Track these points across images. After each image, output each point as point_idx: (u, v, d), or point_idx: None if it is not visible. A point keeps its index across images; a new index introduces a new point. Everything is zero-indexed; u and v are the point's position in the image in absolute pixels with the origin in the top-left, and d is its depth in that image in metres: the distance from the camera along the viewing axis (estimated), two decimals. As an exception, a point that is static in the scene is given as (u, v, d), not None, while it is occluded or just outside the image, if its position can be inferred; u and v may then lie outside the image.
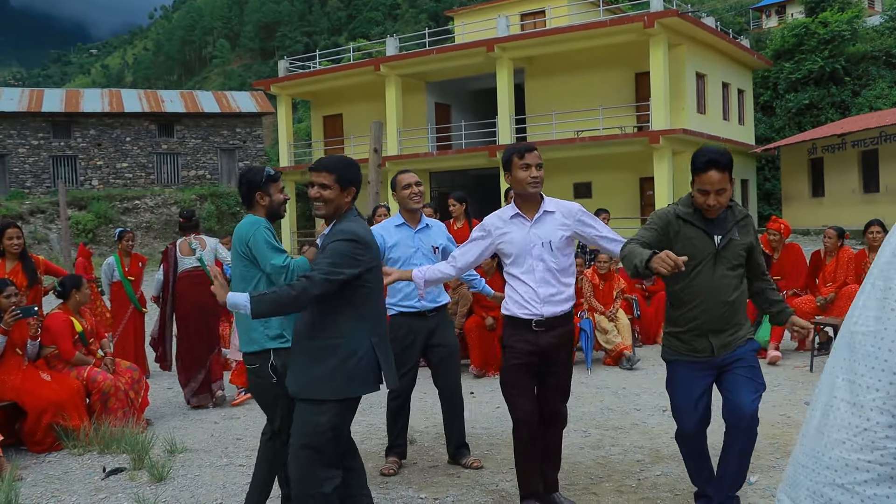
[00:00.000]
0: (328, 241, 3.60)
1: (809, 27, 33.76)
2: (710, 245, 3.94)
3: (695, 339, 4.03)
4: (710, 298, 3.96)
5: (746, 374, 4.00)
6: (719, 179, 3.80)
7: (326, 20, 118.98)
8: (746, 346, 4.06)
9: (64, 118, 38.01)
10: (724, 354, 4.00)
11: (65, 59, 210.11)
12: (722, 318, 3.98)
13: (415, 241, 5.25)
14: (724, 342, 4.00)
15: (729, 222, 3.97)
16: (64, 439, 6.05)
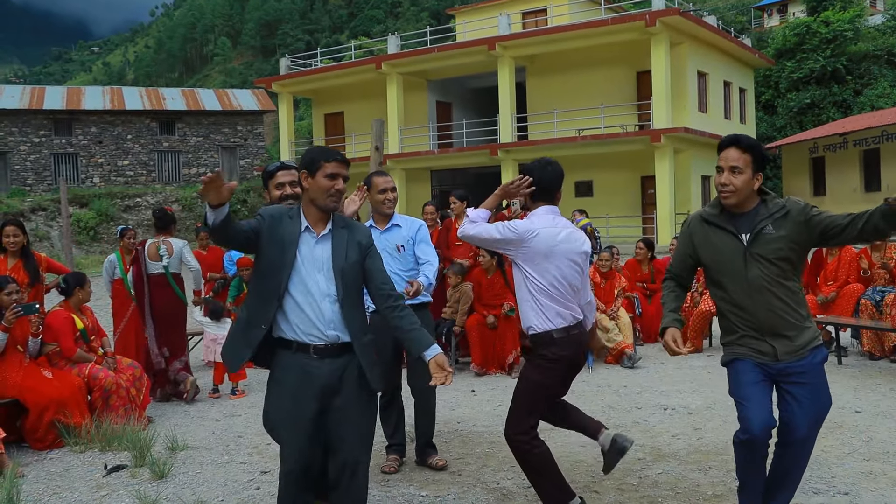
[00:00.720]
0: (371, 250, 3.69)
1: (811, 26, 33.76)
2: (738, 244, 3.70)
3: (755, 343, 3.75)
4: (751, 301, 3.70)
5: (809, 395, 3.69)
6: (735, 157, 3.62)
7: (328, 18, 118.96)
8: (812, 356, 3.70)
9: (65, 116, 38.01)
10: (787, 361, 3.68)
11: (66, 57, 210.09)
12: (775, 320, 3.68)
13: (380, 242, 5.18)
14: (787, 347, 3.68)
15: (760, 217, 3.68)
16: (65, 436, 6.05)
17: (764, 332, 3.71)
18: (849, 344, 9.12)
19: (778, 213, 3.65)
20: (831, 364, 8.31)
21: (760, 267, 3.66)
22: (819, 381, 3.72)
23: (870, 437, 5.61)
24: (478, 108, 32.37)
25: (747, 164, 3.63)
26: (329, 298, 3.49)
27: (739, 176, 3.62)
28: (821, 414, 3.73)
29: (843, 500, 4.45)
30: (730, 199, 3.68)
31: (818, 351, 3.72)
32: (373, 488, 4.64)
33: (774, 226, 3.65)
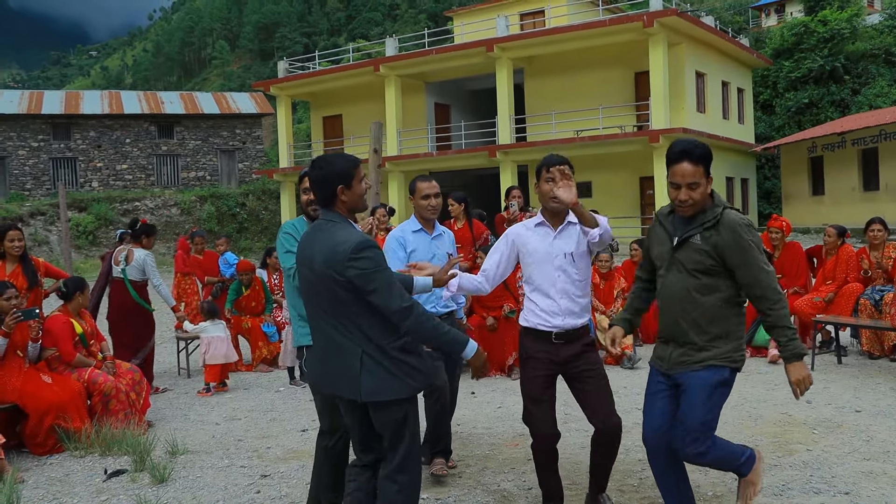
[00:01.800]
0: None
1: (809, 26, 33.78)
2: (669, 246, 3.68)
3: (659, 346, 3.81)
4: (665, 305, 3.70)
5: (685, 409, 3.61)
6: (692, 172, 3.50)
7: (326, 21, 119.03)
8: (703, 372, 3.58)
9: (64, 120, 38.03)
10: (676, 371, 3.66)
11: (64, 61, 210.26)
12: (677, 329, 3.65)
13: (432, 248, 5.16)
14: (677, 358, 3.66)
15: (695, 224, 3.58)
16: (65, 441, 6.05)
17: (668, 337, 3.72)
18: (848, 343, 9.12)
19: (713, 223, 3.53)
20: (831, 363, 8.32)
21: (678, 274, 3.61)
22: (695, 398, 3.57)
23: (870, 437, 5.60)
24: (476, 110, 32.38)
25: (702, 175, 3.53)
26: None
27: (697, 189, 3.52)
28: (688, 432, 3.57)
29: (843, 500, 4.45)
30: (689, 213, 3.59)
31: (714, 370, 3.57)
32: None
33: (703, 236, 3.55)
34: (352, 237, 3.37)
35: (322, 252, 3.40)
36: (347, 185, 3.49)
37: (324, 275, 3.39)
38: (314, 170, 3.53)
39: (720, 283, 3.57)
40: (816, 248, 9.44)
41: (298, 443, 6.19)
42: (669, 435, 3.68)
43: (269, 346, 9.61)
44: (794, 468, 5.00)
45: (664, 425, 3.71)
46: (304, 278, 3.57)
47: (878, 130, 24.67)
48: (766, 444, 5.53)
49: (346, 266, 3.31)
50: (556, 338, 4.15)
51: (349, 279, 3.32)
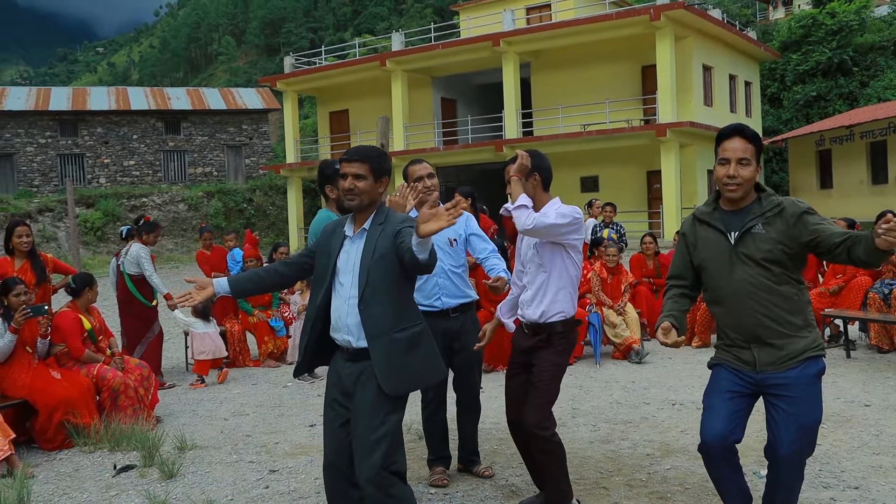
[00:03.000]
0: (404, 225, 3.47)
1: (817, 18, 33.61)
2: (726, 244, 3.50)
3: (738, 351, 3.58)
4: (736, 306, 3.51)
5: (790, 409, 3.43)
6: (742, 148, 3.41)
7: (332, 16, 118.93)
8: (801, 368, 3.44)
9: (71, 116, 38.10)
10: (769, 372, 3.47)
11: (71, 58, 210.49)
12: (759, 328, 3.47)
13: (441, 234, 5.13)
14: (769, 357, 3.47)
15: (752, 215, 3.46)
16: (75, 437, 6.07)
17: (748, 340, 3.52)
18: (857, 337, 9.10)
19: (770, 212, 3.43)
20: (840, 358, 8.30)
21: (747, 269, 3.45)
22: (806, 394, 3.43)
23: (879, 431, 5.59)
24: (483, 105, 32.33)
25: (752, 154, 3.44)
26: (350, 301, 3.50)
27: (747, 168, 3.42)
28: (805, 431, 3.43)
29: (853, 494, 4.44)
30: (737, 193, 3.45)
31: (812, 362, 3.46)
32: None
33: (765, 225, 3.42)
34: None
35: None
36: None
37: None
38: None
39: (792, 272, 3.47)
40: None
41: (306, 438, 6.19)
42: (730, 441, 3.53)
43: (275, 340, 9.61)
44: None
45: (728, 431, 3.51)
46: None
47: (886, 123, 24.56)
48: (775, 438, 5.52)
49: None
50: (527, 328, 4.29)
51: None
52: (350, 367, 3.53)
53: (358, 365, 3.51)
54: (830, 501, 4.36)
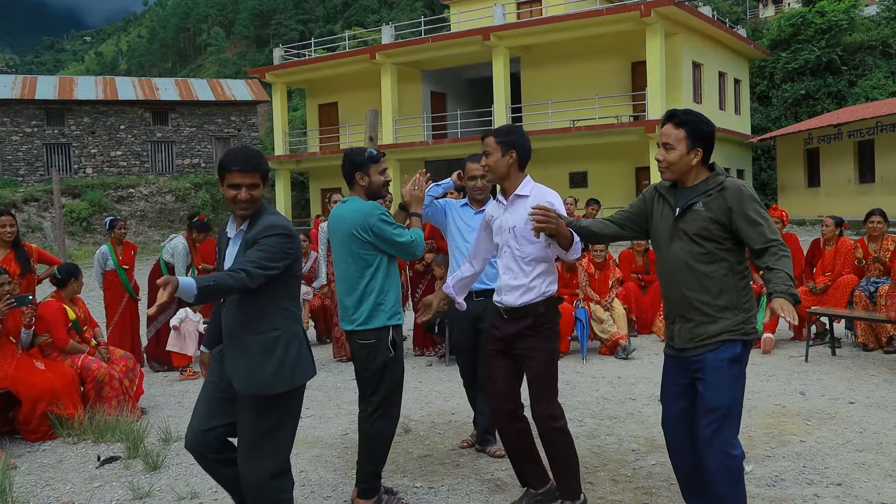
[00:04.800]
0: (259, 235, 3.48)
1: (806, 17, 33.74)
2: (670, 217, 3.61)
3: (668, 326, 3.72)
4: (668, 278, 3.64)
5: (702, 391, 3.50)
6: (668, 132, 3.55)
7: (322, 8, 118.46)
8: (718, 351, 3.47)
9: (57, 106, 37.84)
10: (686, 350, 3.54)
11: (58, 47, 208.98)
12: (683, 301, 3.56)
13: (473, 221, 5.20)
14: (686, 333, 3.55)
15: (697, 192, 3.55)
16: (58, 428, 6.03)
17: (673, 315, 3.65)
18: (843, 335, 9.13)
19: (713, 190, 3.50)
20: (825, 355, 8.33)
21: (681, 244, 3.55)
22: (715, 378, 3.46)
23: (863, 428, 5.61)
24: (472, 99, 32.33)
25: (680, 139, 3.53)
26: (232, 300, 3.55)
27: (672, 152, 3.54)
28: (714, 416, 3.45)
29: (836, 491, 4.46)
30: (665, 174, 3.62)
31: (728, 346, 3.46)
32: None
33: (706, 203, 3.50)
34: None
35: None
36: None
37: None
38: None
39: (724, 252, 3.51)
40: (813, 245, 9.40)
41: (292, 431, 6.17)
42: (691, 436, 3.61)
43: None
44: (788, 459, 5.00)
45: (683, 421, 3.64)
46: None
47: (874, 122, 24.67)
48: (760, 435, 5.53)
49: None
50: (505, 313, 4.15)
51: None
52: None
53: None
54: (814, 498, 4.38)
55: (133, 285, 9.31)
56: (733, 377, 3.48)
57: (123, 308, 9.09)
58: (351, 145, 29.69)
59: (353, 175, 4.47)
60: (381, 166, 4.50)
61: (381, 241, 4.30)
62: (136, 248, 9.87)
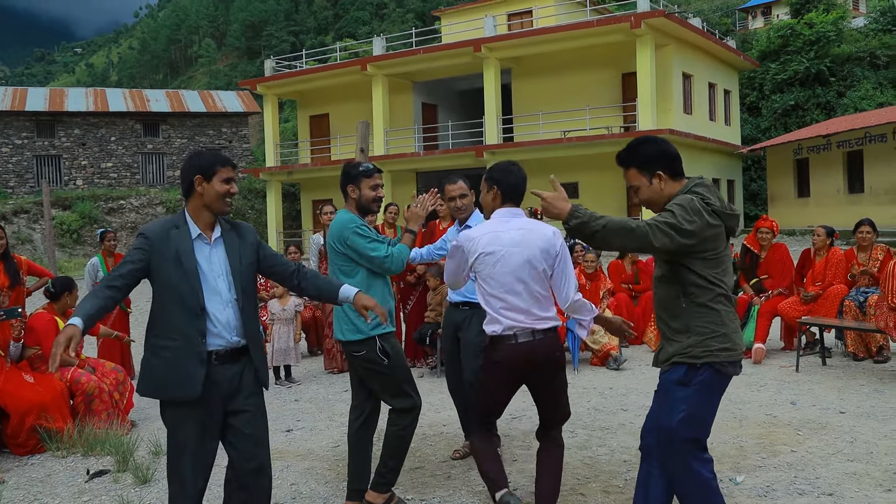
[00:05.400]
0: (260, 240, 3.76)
1: (795, 28, 33.95)
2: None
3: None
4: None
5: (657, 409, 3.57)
6: (627, 178, 3.59)
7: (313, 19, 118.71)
8: (668, 372, 3.46)
9: (48, 117, 37.78)
10: (661, 368, 3.55)
11: (49, 58, 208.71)
12: (658, 322, 3.62)
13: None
14: (660, 355, 3.56)
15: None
16: (47, 441, 5.99)
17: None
18: (833, 345, 9.16)
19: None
20: (815, 365, 8.35)
21: (658, 262, 3.56)
22: (662, 399, 3.49)
23: (854, 438, 5.62)
24: (463, 110, 32.39)
25: (635, 176, 3.51)
26: (232, 303, 3.55)
27: (640, 191, 3.54)
28: (664, 436, 3.45)
29: (827, 501, 4.46)
30: (654, 210, 3.51)
31: (675, 368, 3.42)
32: (358, 492, 4.60)
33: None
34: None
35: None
36: (205, 177, 3.50)
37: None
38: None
39: (674, 275, 3.42)
40: (804, 256, 9.43)
41: (283, 443, 6.15)
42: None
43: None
44: (779, 469, 5.00)
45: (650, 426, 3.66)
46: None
47: (862, 133, 24.81)
48: (751, 445, 5.54)
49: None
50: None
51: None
52: (230, 368, 3.56)
53: (238, 364, 3.59)
54: (805, 508, 4.38)
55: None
56: (678, 399, 3.40)
57: (113, 320, 9.06)
58: (342, 157, 29.78)
59: (346, 187, 4.54)
60: (374, 181, 4.55)
61: (356, 254, 4.38)
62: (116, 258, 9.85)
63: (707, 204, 3.30)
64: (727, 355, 3.37)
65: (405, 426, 4.48)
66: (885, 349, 8.40)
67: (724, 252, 3.42)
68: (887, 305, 7.48)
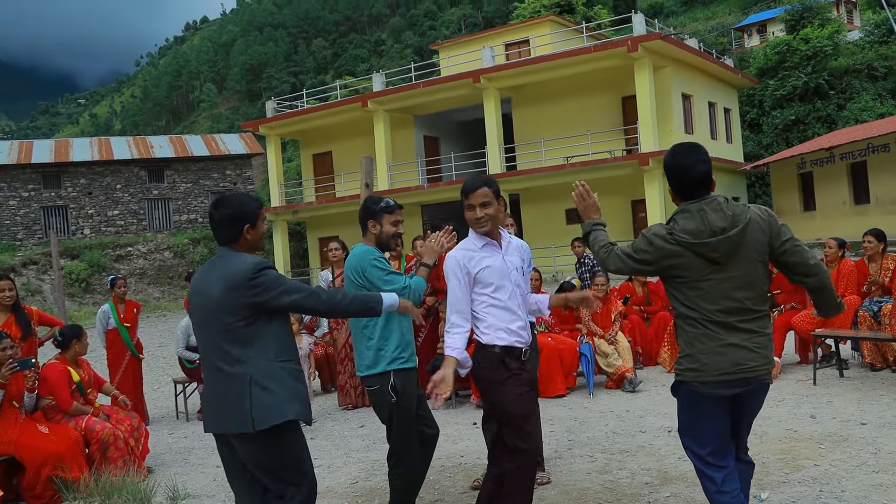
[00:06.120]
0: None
1: (791, 44, 34.10)
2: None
3: None
4: None
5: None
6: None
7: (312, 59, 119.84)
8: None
9: (54, 168, 38.06)
10: None
11: (53, 111, 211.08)
12: None
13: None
14: None
15: None
16: (64, 492, 5.95)
17: None
18: (849, 356, 9.09)
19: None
20: (833, 377, 8.28)
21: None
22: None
23: (877, 449, 5.55)
24: (465, 141, 32.51)
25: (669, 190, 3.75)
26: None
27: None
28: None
29: (855, 515, 4.40)
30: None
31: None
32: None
33: None
34: (249, 259, 3.53)
35: (221, 279, 3.48)
36: (253, 225, 3.63)
37: (221, 302, 3.44)
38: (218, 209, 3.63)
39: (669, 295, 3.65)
40: None
41: (301, 482, 6.10)
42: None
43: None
44: (804, 484, 4.94)
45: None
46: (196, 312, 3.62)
47: (865, 144, 24.81)
48: (773, 460, 5.47)
49: (247, 286, 3.42)
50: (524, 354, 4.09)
51: (250, 298, 3.43)
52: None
53: None
54: (833, 523, 4.32)
55: (136, 343, 9.29)
56: (678, 406, 3.68)
57: (126, 366, 9.06)
58: (346, 193, 29.86)
59: (366, 222, 4.54)
60: (395, 217, 4.57)
61: (373, 287, 4.36)
62: (140, 307, 9.87)
63: (670, 234, 3.44)
64: (693, 376, 3.50)
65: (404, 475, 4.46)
66: (902, 358, 8.32)
67: (704, 277, 3.44)
68: (902, 314, 7.42)
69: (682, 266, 3.45)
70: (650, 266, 3.53)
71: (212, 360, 3.53)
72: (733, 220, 3.39)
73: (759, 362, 3.45)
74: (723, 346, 3.44)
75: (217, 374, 3.51)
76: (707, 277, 3.43)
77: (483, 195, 4.07)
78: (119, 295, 9.26)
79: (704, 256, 3.41)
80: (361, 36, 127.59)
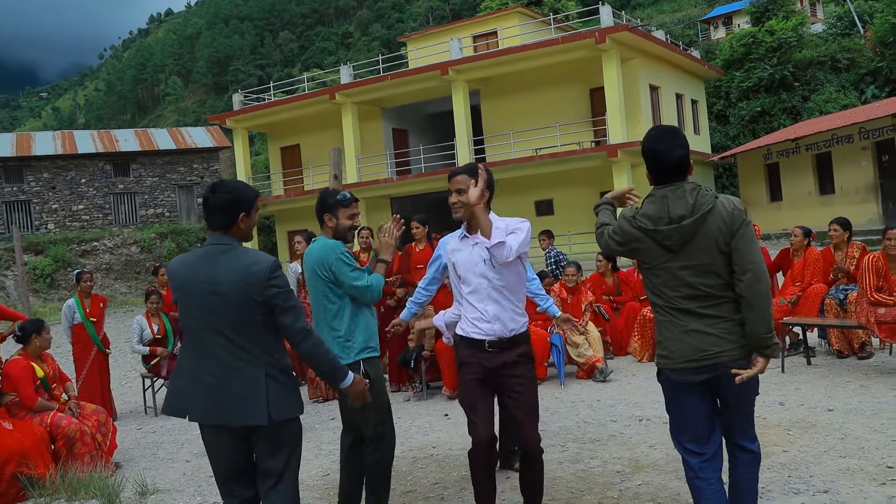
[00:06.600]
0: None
1: (757, 36, 34.42)
2: None
3: None
4: None
5: None
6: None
7: (279, 52, 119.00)
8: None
9: (15, 163, 37.39)
10: None
11: (14, 104, 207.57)
12: None
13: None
14: None
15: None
16: (29, 489, 5.85)
17: None
18: (816, 344, 9.20)
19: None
20: (800, 365, 8.37)
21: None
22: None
23: (844, 434, 5.62)
24: (434, 134, 32.45)
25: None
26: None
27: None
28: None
29: (823, 499, 4.45)
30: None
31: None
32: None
33: None
34: (265, 258, 3.48)
35: (232, 272, 3.40)
36: (248, 213, 3.55)
37: (237, 296, 3.39)
38: (216, 193, 3.54)
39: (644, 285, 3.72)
40: (782, 254, 9.49)
41: (271, 475, 6.05)
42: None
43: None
44: (773, 470, 4.98)
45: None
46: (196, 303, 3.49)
47: (829, 135, 25.10)
48: (743, 448, 5.51)
49: (265, 286, 3.39)
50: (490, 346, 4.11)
51: (267, 299, 3.40)
52: None
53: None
54: (802, 507, 4.36)
55: (102, 338, 9.17)
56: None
57: (92, 361, 8.94)
58: (315, 186, 29.68)
59: (322, 215, 4.53)
60: (351, 211, 4.56)
61: (338, 280, 4.36)
62: (106, 301, 9.73)
63: (633, 218, 3.49)
64: (664, 363, 3.55)
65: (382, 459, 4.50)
66: (867, 345, 8.43)
67: (661, 264, 3.47)
68: (867, 301, 7.52)
69: (643, 251, 3.50)
70: (622, 248, 3.58)
71: (213, 350, 3.45)
72: (693, 208, 3.37)
73: (726, 347, 3.41)
74: (685, 333, 3.44)
75: (220, 365, 3.44)
76: (664, 265, 3.46)
77: (459, 182, 4.19)
78: (85, 289, 9.13)
79: (659, 243, 3.43)
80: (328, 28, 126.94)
